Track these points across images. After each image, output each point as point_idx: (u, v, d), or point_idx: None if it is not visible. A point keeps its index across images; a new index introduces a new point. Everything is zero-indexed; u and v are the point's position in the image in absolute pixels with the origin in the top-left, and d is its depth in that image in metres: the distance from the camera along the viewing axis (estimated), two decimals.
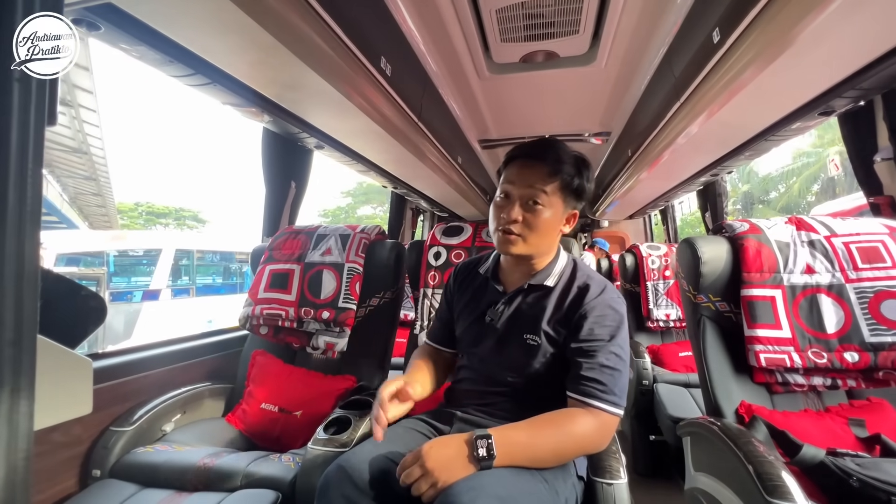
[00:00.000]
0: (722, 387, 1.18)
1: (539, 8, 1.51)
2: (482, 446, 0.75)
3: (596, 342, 0.87)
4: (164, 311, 6.58)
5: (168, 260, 6.87)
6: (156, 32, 0.95)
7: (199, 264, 7.82)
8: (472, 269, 1.11)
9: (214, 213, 37.45)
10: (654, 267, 2.47)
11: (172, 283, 7.00)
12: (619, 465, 0.91)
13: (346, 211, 22.75)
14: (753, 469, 0.85)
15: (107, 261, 6.26)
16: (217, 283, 8.45)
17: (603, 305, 0.90)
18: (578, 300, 0.92)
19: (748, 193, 18.47)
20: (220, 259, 8.66)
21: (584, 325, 0.88)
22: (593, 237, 5.01)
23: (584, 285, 0.94)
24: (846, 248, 1.19)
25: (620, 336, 0.89)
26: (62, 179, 10.42)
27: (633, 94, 2.09)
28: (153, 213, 19.74)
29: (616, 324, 0.90)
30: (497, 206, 0.94)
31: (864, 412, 1.09)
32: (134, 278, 7.11)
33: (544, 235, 0.92)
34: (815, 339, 1.14)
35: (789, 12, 0.98)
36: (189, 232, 18.12)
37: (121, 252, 6.73)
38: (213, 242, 8.76)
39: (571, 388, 0.86)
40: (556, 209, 0.91)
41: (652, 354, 2.18)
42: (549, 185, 0.89)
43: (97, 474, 1.09)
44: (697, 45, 1.37)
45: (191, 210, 21.37)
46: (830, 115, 1.40)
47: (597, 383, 0.84)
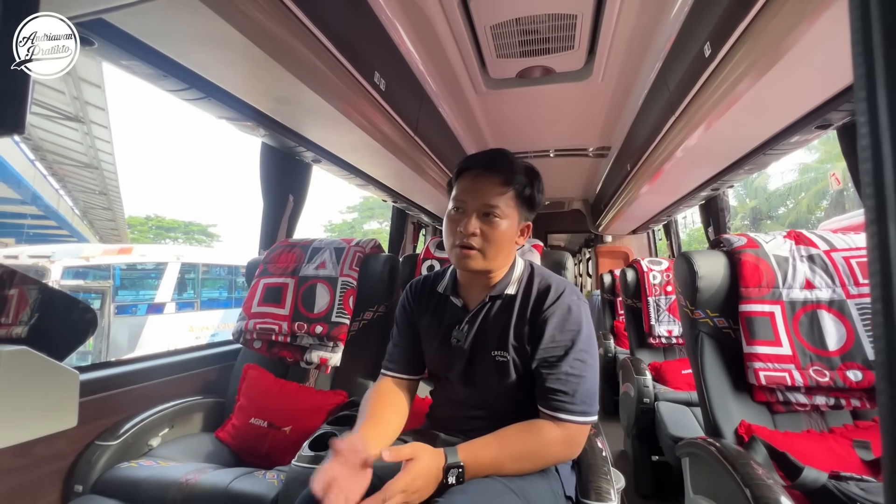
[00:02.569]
0: (721, 406, 1.15)
1: (534, 24, 1.53)
2: (452, 476, 0.74)
3: (558, 349, 0.85)
4: (168, 324, 6.60)
5: (174, 274, 6.93)
6: (148, 47, 0.96)
7: (204, 278, 7.88)
8: (428, 287, 1.05)
9: (225, 227, 37.87)
10: (655, 282, 2.43)
11: (178, 296, 7.04)
12: (610, 487, 0.88)
13: (353, 226, 22.90)
14: (751, 493, 0.82)
15: (113, 274, 6.32)
16: (223, 297, 8.49)
17: (563, 309, 0.87)
18: (538, 306, 0.89)
19: (756, 209, 18.33)
20: (227, 273, 8.71)
21: (546, 333, 0.86)
22: (597, 252, 4.98)
23: (543, 289, 0.91)
24: (846, 262, 1.16)
25: (582, 339, 0.86)
26: (74, 194, 10.63)
27: (631, 109, 2.10)
28: (162, 227, 19.99)
29: (577, 327, 0.86)
30: (452, 220, 0.90)
31: (869, 434, 1.05)
32: (141, 292, 7.16)
33: (502, 248, 0.89)
34: (817, 356, 1.11)
35: (778, 24, 0.97)
36: (197, 246, 18.30)
37: (128, 266, 6.80)
38: (219, 256, 8.84)
39: (539, 401, 0.84)
40: (513, 220, 0.89)
41: (654, 372, 2.13)
42: (505, 196, 0.87)
43: (79, 490, 1.07)
44: (690, 59, 1.38)
45: (200, 224, 21.62)
46: (828, 129, 1.39)
47: (562, 395, 0.81)
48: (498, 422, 0.90)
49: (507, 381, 0.89)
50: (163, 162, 57.98)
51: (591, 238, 5.10)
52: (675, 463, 1.64)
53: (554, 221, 4.98)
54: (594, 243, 5.16)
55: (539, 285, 0.92)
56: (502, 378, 0.90)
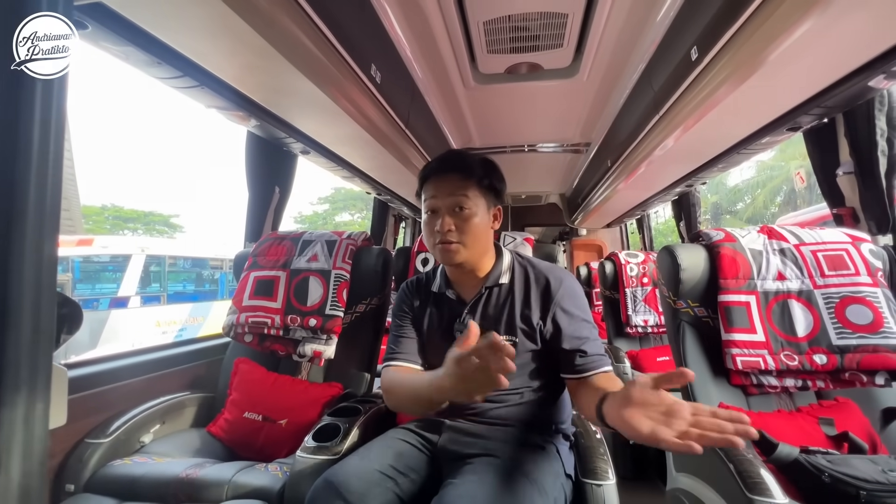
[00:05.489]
0: (701, 389, 1.23)
1: (525, 21, 1.55)
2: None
3: (581, 323, 0.95)
4: (132, 319, 6.32)
5: (138, 266, 6.63)
6: (145, 33, 0.93)
7: (170, 270, 7.57)
8: (422, 287, 1.10)
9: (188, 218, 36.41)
10: (632, 274, 2.54)
11: (142, 289, 6.75)
12: (608, 466, 0.93)
13: (324, 217, 22.44)
14: (734, 468, 0.89)
15: (71, 266, 5.99)
16: (189, 290, 8.19)
17: (569, 292, 0.97)
18: (546, 295, 0.97)
19: (716, 204, 19.23)
20: (193, 265, 8.40)
21: (564, 316, 0.95)
22: (572, 245, 5.11)
23: (542, 279, 0.99)
24: (814, 256, 1.26)
25: (588, 310, 0.99)
26: None
27: (613, 107, 2.17)
28: (120, 217, 18.95)
29: (584, 301, 0.99)
30: (428, 224, 0.98)
31: (832, 412, 1.15)
32: (100, 285, 6.82)
33: (479, 237, 0.96)
34: (787, 342, 1.20)
35: (762, 34, 1.04)
36: (159, 238, 17.49)
37: (85, 258, 6.45)
38: (185, 248, 8.49)
39: (588, 368, 0.90)
40: (482, 208, 0.97)
41: (631, 359, 2.23)
42: (468, 189, 0.95)
43: (71, 489, 1.04)
44: (676, 62, 1.44)
45: (161, 214, 20.62)
46: (797, 131, 1.49)
47: (602, 357, 0.92)
48: (497, 406, 0.96)
49: (516, 362, 0.94)
50: (123, 149, 55.13)
51: (566, 231, 5.22)
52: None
53: (531, 214, 5.07)
54: (569, 236, 5.29)
55: (535, 274, 1.00)
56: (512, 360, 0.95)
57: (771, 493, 0.82)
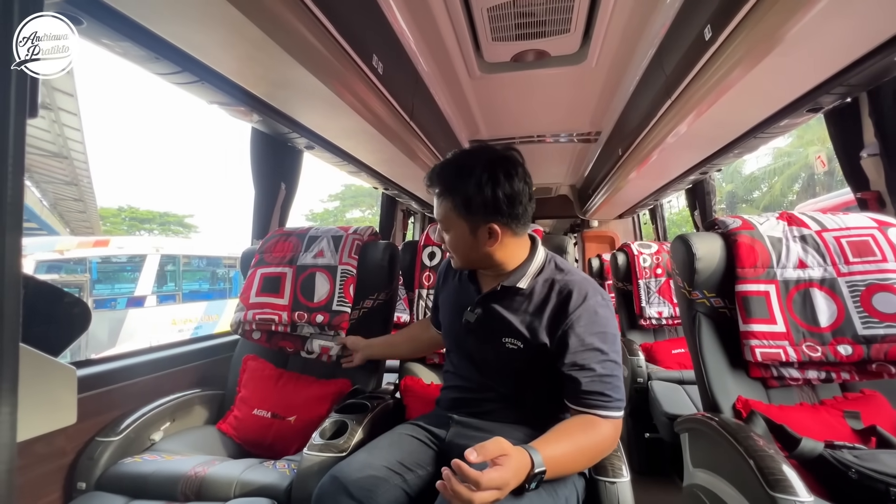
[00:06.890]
0: (719, 382, 1.19)
1: (531, 7, 1.51)
2: (535, 480, 0.72)
3: (590, 352, 0.85)
4: (149, 318, 6.44)
5: (153, 266, 6.74)
6: (141, 27, 0.92)
7: (185, 269, 7.68)
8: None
9: (203, 217, 36.88)
10: (645, 265, 2.48)
11: (158, 289, 6.86)
12: (622, 463, 0.91)
13: (335, 214, 22.56)
14: (755, 463, 0.85)
15: (89, 267, 6.11)
16: (204, 288, 8.30)
17: (590, 312, 0.88)
18: (562, 309, 0.89)
19: (732, 193, 18.80)
20: (207, 264, 8.51)
21: (574, 337, 0.86)
22: (584, 237, 5.04)
23: (565, 291, 0.90)
24: (837, 242, 1.20)
25: (612, 339, 0.88)
26: (41, 185, 10.14)
27: (624, 94, 2.11)
28: (136, 219, 19.31)
29: (605, 329, 0.88)
30: None
31: (858, 404, 1.10)
32: (118, 285, 6.95)
33: (467, 252, 0.95)
34: (809, 332, 1.15)
35: (778, 10, 0.99)
36: (175, 238, 17.78)
37: (104, 258, 6.58)
38: (199, 247, 8.61)
39: (577, 402, 0.85)
40: (459, 229, 0.92)
41: (645, 352, 2.19)
42: (444, 208, 0.93)
43: (83, 487, 1.05)
44: (689, 43, 1.38)
45: (176, 215, 20.95)
46: (818, 112, 1.42)
47: (602, 396, 0.83)
48: (508, 405, 0.94)
49: (514, 367, 0.93)
50: (137, 151, 56.02)
51: (577, 223, 5.15)
52: (669, 439, 1.70)
53: (541, 207, 5.00)
54: (580, 228, 5.21)
55: (560, 285, 0.92)
56: (510, 364, 0.93)
57: (795, 491, 0.78)
